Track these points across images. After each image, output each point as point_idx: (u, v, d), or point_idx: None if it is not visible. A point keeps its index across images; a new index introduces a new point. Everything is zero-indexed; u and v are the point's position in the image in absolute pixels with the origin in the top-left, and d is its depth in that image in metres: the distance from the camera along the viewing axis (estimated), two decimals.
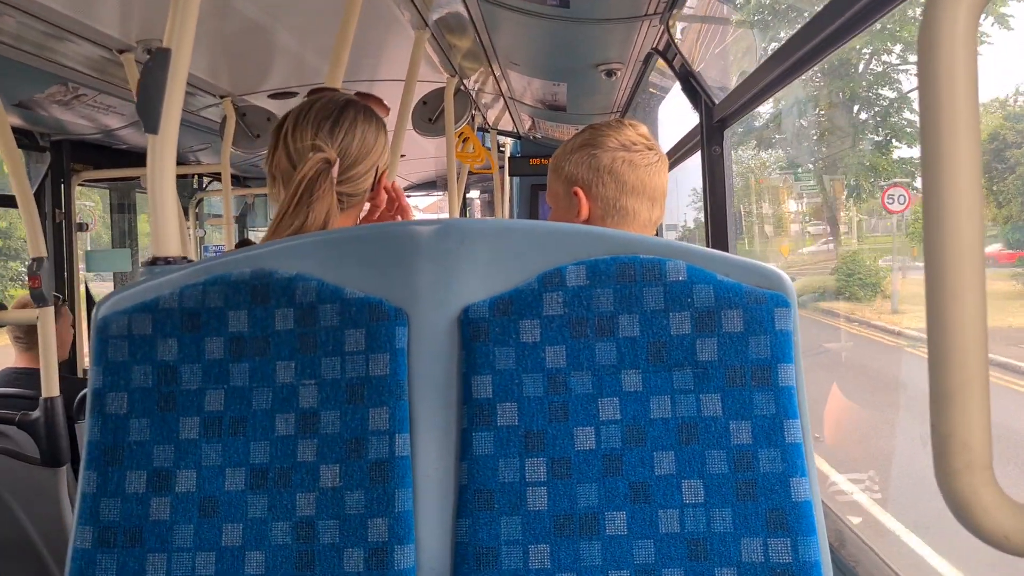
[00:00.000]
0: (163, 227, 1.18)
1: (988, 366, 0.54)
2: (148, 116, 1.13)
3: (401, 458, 0.99)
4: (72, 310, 4.03)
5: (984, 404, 0.54)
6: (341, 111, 1.46)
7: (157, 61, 1.13)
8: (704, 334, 1.00)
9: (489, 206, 9.13)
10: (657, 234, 1.66)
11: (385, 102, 3.55)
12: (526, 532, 0.98)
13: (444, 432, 1.01)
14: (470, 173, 5.71)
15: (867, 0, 1.31)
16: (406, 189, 9.06)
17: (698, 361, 1.00)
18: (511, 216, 6.63)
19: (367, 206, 1.57)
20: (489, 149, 5.55)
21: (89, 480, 1.02)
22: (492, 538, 0.98)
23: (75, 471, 2.67)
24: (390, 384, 1.00)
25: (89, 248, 5.20)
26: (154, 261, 1.15)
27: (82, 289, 4.34)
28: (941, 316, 0.54)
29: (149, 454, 1.01)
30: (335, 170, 1.40)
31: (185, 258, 1.16)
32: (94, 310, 1.06)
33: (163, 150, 1.17)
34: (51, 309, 2.62)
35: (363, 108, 1.49)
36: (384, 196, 1.53)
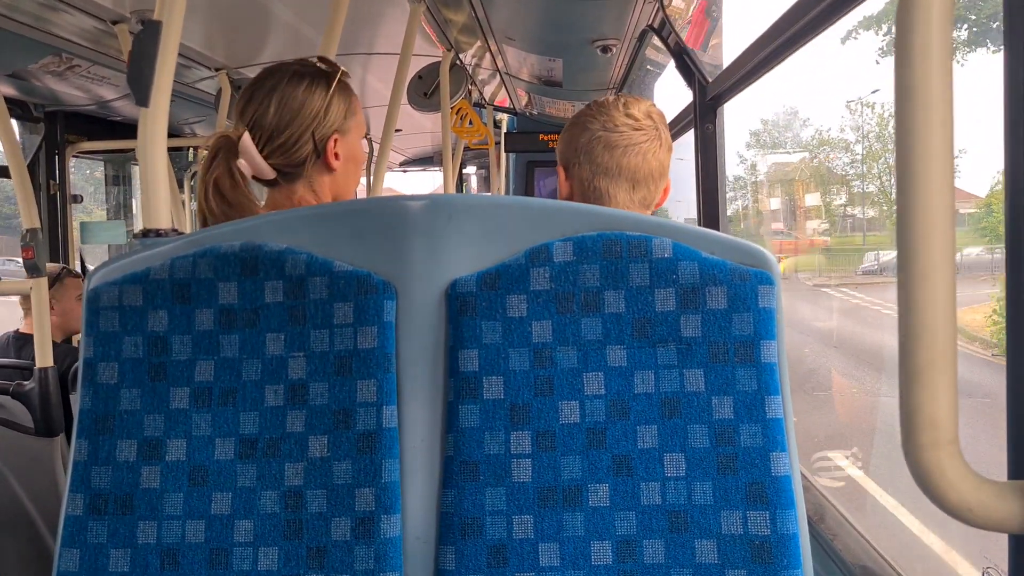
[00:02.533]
0: (154, 199, 1.19)
1: (956, 345, 0.56)
2: (139, 88, 1.14)
3: (388, 430, 1.01)
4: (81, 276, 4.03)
5: (951, 382, 0.55)
6: (257, 83, 1.45)
7: (148, 33, 1.13)
8: (688, 310, 1.01)
9: (486, 181, 9.11)
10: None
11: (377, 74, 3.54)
12: (510, 503, 0.99)
13: (431, 404, 1.02)
14: (466, 148, 5.70)
15: None
16: (402, 164, 9.04)
17: (682, 337, 1.01)
18: (507, 192, 6.62)
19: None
20: (486, 124, 5.54)
21: (80, 448, 1.03)
22: (477, 508, 1.00)
23: (69, 440, 2.69)
24: (378, 357, 1.02)
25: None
26: (145, 233, 1.16)
27: (77, 261, 4.34)
28: (911, 296, 0.55)
29: (140, 423, 1.03)
30: (245, 145, 1.40)
31: (175, 230, 1.17)
32: (85, 281, 1.07)
33: (154, 122, 1.17)
34: (44, 280, 2.62)
35: (292, 73, 1.45)
36: (339, 163, 1.47)
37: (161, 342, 1.04)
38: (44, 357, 2.61)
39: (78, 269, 4.34)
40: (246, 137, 1.41)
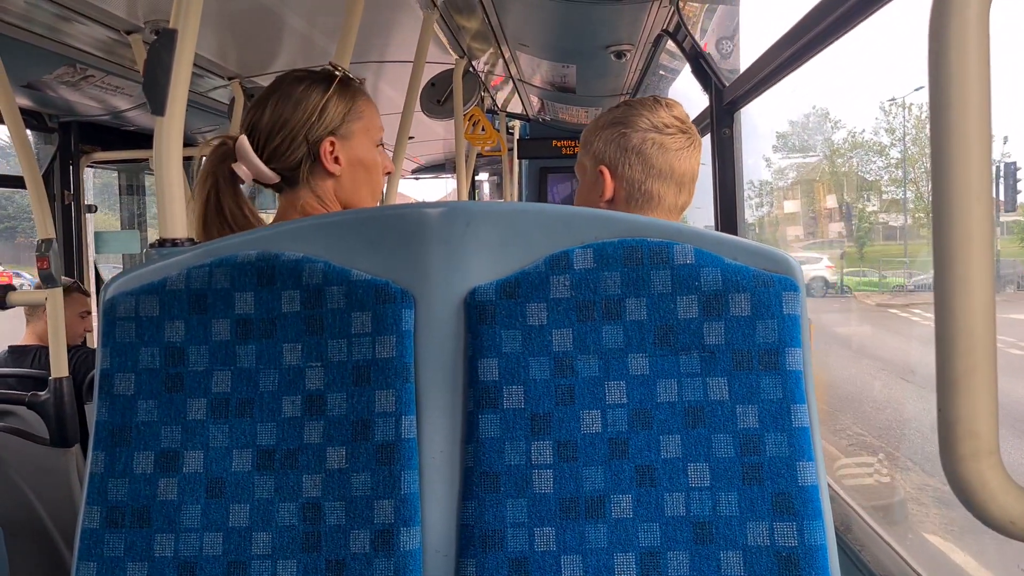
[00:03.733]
0: (170, 209, 1.18)
1: (996, 353, 0.54)
2: (154, 98, 1.13)
3: (407, 440, 0.99)
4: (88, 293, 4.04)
5: (991, 391, 0.54)
6: (264, 90, 1.45)
7: (163, 42, 1.13)
8: (711, 318, 0.99)
9: (498, 188, 9.11)
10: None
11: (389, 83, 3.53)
12: (532, 515, 0.98)
13: (450, 415, 1.01)
14: (479, 155, 5.69)
15: None
16: (414, 171, 9.04)
17: (705, 345, 0.99)
18: (520, 199, 6.61)
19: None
20: (499, 131, 5.53)
21: (97, 460, 1.02)
22: (498, 520, 0.98)
23: (84, 451, 2.70)
24: (396, 366, 1.00)
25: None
26: (161, 243, 1.15)
27: (91, 271, 4.35)
28: (949, 303, 0.54)
29: (157, 435, 1.02)
30: (241, 147, 1.40)
31: (191, 240, 1.16)
32: (102, 291, 1.06)
33: (169, 132, 1.17)
34: (59, 291, 2.63)
35: (294, 77, 1.45)
36: (341, 167, 1.45)
37: (178, 352, 1.03)
38: (59, 367, 2.61)
39: (92, 277, 4.36)
40: (243, 139, 1.39)
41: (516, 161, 6.40)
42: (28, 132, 3.93)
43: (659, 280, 1.00)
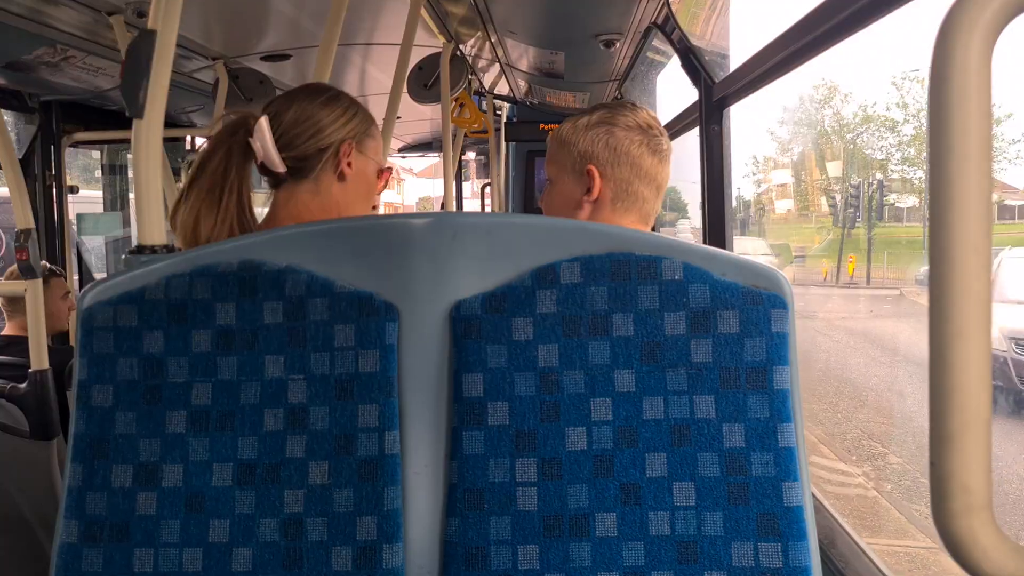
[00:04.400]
0: (148, 215, 1.15)
1: (991, 408, 0.53)
2: (132, 100, 1.10)
3: (390, 456, 0.98)
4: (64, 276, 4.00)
5: (985, 446, 0.53)
6: (290, 92, 1.52)
7: (141, 43, 1.10)
8: (699, 335, 0.98)
9: (485, 169, 9.07)
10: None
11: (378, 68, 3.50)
12: (515, 532, 0.97)
13: (434, 430, 1.00)
14: (466, 136, 5.66)
15: None
16: (401, 150, 9.00)
17: (692, 362, 0.98)
18: (507, 180, 6.59)
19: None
20: (485, 113, 5.49)
21: (75, 473, 1.00)
22: (481, 538, 0.97)
23: (66, 440, 2.66)
24: (380, 381, 0.99)
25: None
26: (140, 250, 1.13)
27: (72, 253, 4.30)
28: (945, 357, 0.53)
29: (135, 448, 1.00)
30: (262, 126, 1.43)
31: (168, 247, 1.14)
32: (78, 300, 1.04)
33: (148, 135, 1.14)
34: (39, 282, 2.59)
35: (319, 87, 1.54)
36: (350, 172, 1.50)
37: (157, 364, 1.01)
38: (39, 359, 2.58)
39: (74, 260, 4.31)
40: (264, 120, 1.43)
41: (503, 143, 6.36)
42: (8, 113, 3.87)
43: (646, 296, 0.99)
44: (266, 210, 1.51)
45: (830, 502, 1.82)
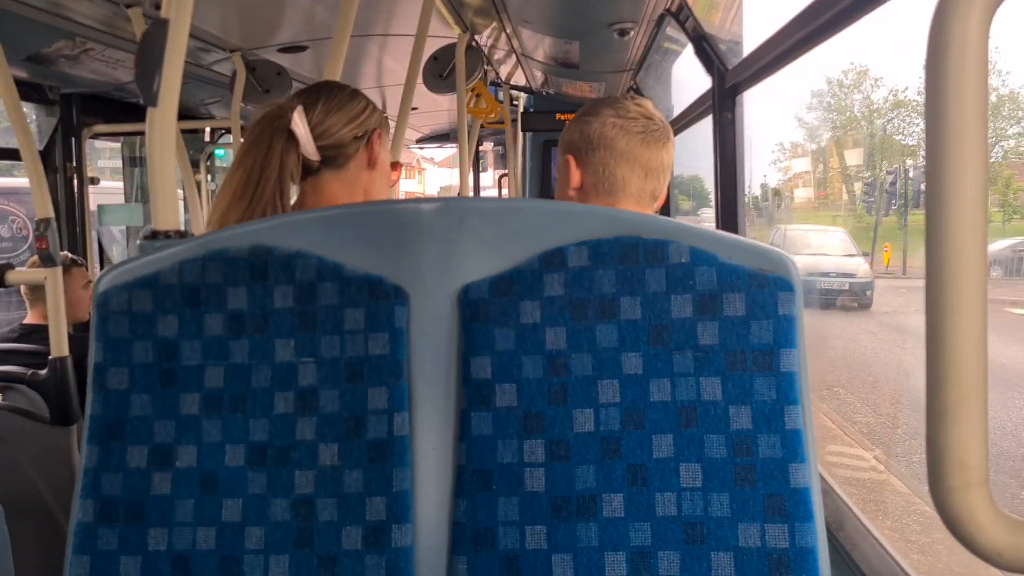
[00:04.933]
0: (163, 200, 1.17)
1: (987, 383, 0.53)
2: (146, 88, 1.12)
3: (400, 438, 0.99)
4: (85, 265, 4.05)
5: (982, 421, 0.53)
6: (316, 88, 1.57)
7: (155, 32, 1.11)
8: (706, 317, 0.99)
9: (502, 159, 9.07)
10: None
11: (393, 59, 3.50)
12: (523, 513, 0.98)
13: (443, 412, 1.01)
14: (482, 126, 5.66)
15: None
16: (418, 141, 9.02)
17: (699, 345, 0.99)
18: (523, 170, 6.59)
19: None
20: (501, 103, 5.49)
21: (91, 455, 1.02)
22: (489, 518, 0.98)
23: None
24: (389, 364, 1.00)
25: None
26: (154, 235, 1.14)
27: (94, 245, 4.35)
28: (940, 331, 0.53)
29: (150, 429, 1.02)
30: (298, 117, 1.46)
31: (182, 232, 1.15)
32: (94, 284, 1.06)
33: (162, 123, 1.15)
34: (59, 270, 2.63)
35: (341, 85, 1.58)
36: (380, 159, 1.55)
37: (171, 347, 1.03)
38: (59, 347, 2.62)
39: (96, 251, 4.36)
40: (300, 109, 1.46)
41: (520, 133, 6.36)
42: (30, 105, 3.92)
43: (654, 279, 0.99)
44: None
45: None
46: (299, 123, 1.45)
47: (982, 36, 0.52)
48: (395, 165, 1.65)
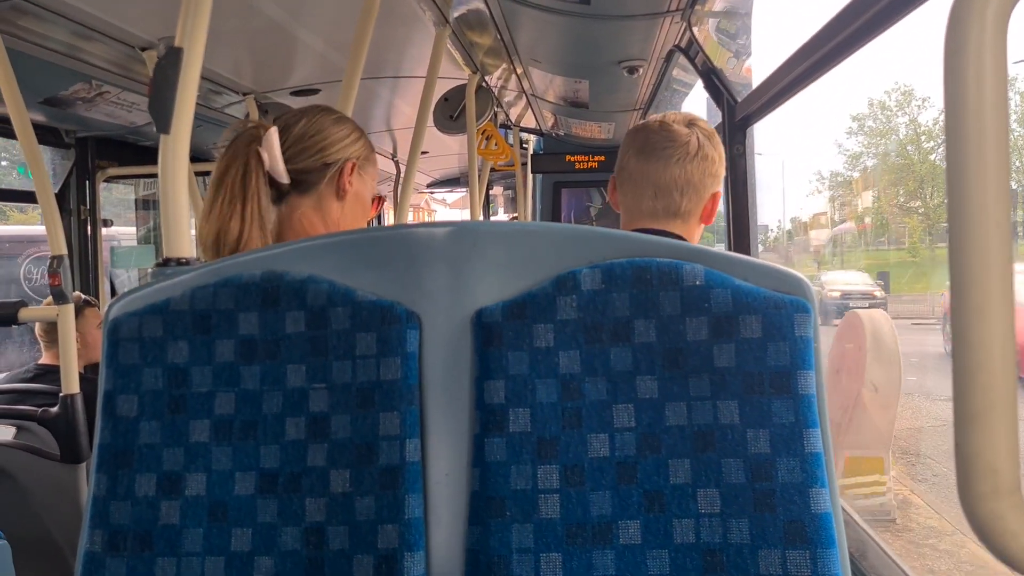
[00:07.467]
0: (175, 228, 1.17)
1: (1016, 387, 0.52)
2: (160, 115, 1.13)
3: (412, 464, 0.98)
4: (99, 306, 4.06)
5: (1012, 426, 0.52)
6: (302, 108, 1.56)
7: (169, 60, 1.12)
8: (722, 340, 0.97)
9: (512, 203, 9.11)
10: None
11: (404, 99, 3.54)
12: (538, 540, 0.96)
13: (456, 438, 0.99)
14: (493, 170, 5.69)
15: None
16: (429, 185, 9.07)
17: (715, 368, 0.97)
18: (534, 214, 6.61)
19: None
20: (512, 146, 5.53)
21: (100, 483, 1.01)
22: (503, 546, 0.96)
23: None
24: (401, 389, 0.99)
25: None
26: (166, 262, 1.14)
27: (106, 286, 4.37)
28: (967, 335, 0.52)
29: (159, 457, 1.01)
30: (271, 137, 1.45)
31: (195, 259, 1.15)
32: (105, 311, 1.05)
33: (175, 149, 1.16)
34: (71, 307, 2.64)
35: (324, 110, 1.56)
36: (350, 191, 1.53)
37: (181, 374, 1.02)
38: (69, 384, 2.62)
39: (107, 292, 4.38)
40: (273, 130, 1.46)
41: (530, 176, 6.39)
42: (46, 148, 3.97)
43: (668, 302, 0.98)
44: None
45: None
46: (270, 144, 1.45)
47: (999, 35, 0.52)
48: (375, 200, 1.63)
